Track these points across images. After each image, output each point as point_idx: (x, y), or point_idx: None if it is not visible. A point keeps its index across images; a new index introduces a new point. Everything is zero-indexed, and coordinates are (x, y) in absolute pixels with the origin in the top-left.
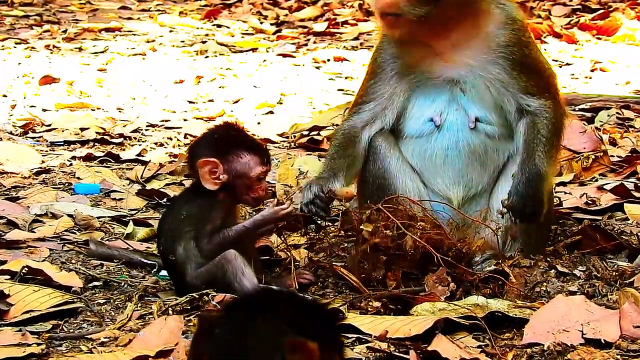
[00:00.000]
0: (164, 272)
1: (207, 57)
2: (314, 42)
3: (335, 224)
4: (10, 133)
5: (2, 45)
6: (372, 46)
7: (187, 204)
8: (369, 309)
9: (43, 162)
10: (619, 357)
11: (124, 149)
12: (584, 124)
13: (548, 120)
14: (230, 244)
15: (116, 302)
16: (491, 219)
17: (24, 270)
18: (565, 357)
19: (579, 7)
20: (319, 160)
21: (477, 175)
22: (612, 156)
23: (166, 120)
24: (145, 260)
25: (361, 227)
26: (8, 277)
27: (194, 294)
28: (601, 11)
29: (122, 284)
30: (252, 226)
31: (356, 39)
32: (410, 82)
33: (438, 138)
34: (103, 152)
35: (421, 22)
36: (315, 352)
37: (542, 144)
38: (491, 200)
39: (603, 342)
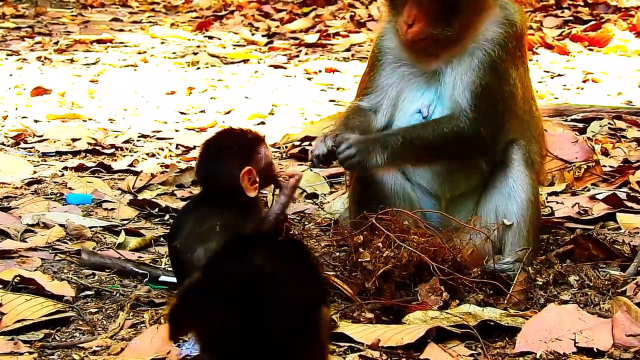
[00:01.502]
0: (161, 279)
1: (198, 68)
2: (306, 54)
3: (327, 233)
4: (2, 144)
5: None
6: (364, 57)
7: (217, 215)
8: (362, 320)
9: (35, 172)
10: None
11: (115, 160)
12: (575, 134)
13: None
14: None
15: (108, 312)
16: (481, 225)
17: (16, 280)
18: None
19: (571, 18)
20: (311, 170)
21: (463, 172)
22: (604, 166)
23: (158, 131)
24: (137, 270)
25: (359, 258)
26: (0, 286)
27: None
28: (593, 22)
29: (114, 294)
30: (282, 209)
31: (347, 50)
32: (403, 74)
33: None
34: (95, 162)
35: (445, 37)
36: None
37: None
38: (479, 205)
39: (595, 350)
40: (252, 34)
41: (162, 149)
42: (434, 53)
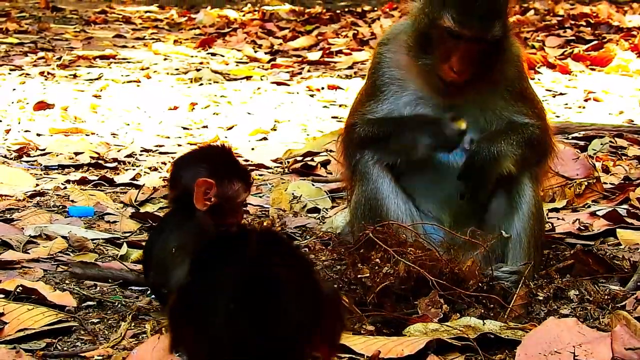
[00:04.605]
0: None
1: (201, 84)
2: (308, 71)
3: (328, 247)
4: (5, 157)
5: None
6: (367, 75)
7: (175, 234)
8: (362, 332)
9: (37, 185)
10: None
11: (118, 173)
12: (577, 151)
13: (538, 128)
14: None
15: (110, 322)
16: (481, 238)
17: (18, 290)
18: None
19: (573, 38)
20: (313, 185)
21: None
22: (605, 183)
23: (160, 146)
24: (131, 276)
25: (358, 274)
26: (2, 296)
27: None
28: (595, 42)
29: (116, 304)
30: None
31: (350, 67)
32: (410, 106)
33: (432, 160)
34: (97, 176)
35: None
36: None
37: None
38: (483, 218)
39: None
40: (255, 51)
41: (165, 163)
42: (463, 90)
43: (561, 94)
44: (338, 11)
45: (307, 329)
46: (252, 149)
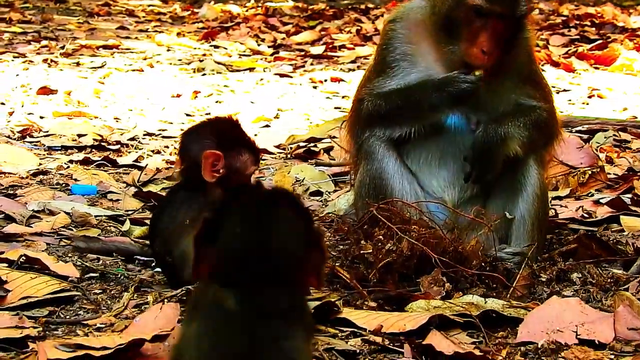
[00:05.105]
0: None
1: (204, 74)
2: (311, 64)
3: (330, 229)
4: (8, 137)
5: (0, 58)
6: (375, 52)
7: (185, 206)
8: (364, 308)
9: (40, 164)
10: (612, 357)
11: (121, 155)
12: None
13: (545, 111)
14: None
15: (112, 292)
16: (485, 218)
17: (21, 259)
18: (560, 355)
19: (577, 37)
20: (316, 168)
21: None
22: (609, 174)
23: (163, 130)
24: (135, 248)
25: (361, 250)
26: (5, 265)
27: (190, 287)
28: (599, 42)
29: (119, 276)
30: None
31: (353, 62)
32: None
33: (437, 140)
34: (100, 157)
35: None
36: None
37: (530, 122)
38: (487, 203)
39: (597, 342)
40: (258, 45)
41: (168, 147)
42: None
43: (565, 90)
44: (341, 8)
45: (300, 253)
46: (255, 135)
